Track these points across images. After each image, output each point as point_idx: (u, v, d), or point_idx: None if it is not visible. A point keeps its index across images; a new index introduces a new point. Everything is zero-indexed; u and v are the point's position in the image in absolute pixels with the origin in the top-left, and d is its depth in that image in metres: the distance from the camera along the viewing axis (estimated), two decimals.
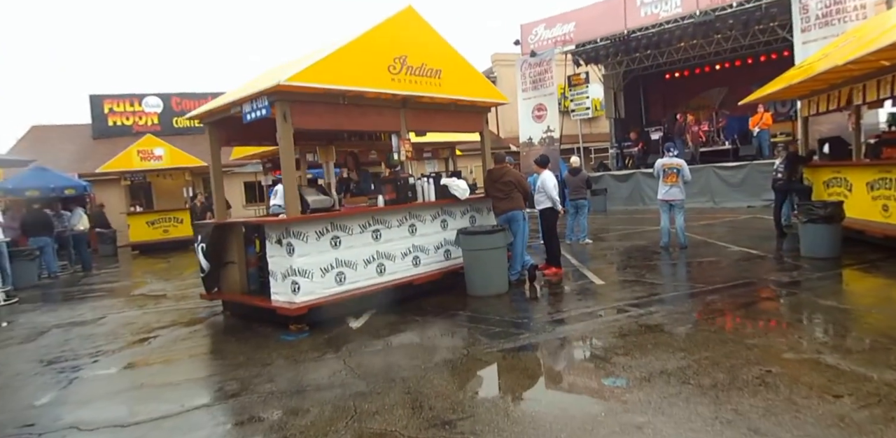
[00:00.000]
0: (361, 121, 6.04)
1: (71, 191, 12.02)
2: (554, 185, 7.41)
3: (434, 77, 6.45)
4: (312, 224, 5.53)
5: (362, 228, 5.99)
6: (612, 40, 17.41)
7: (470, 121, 7.44)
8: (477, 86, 7.13)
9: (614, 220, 14.48)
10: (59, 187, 11.91)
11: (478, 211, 7.46)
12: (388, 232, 6.24)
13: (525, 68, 19.24)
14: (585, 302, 5.77)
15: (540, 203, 7.52)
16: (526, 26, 19.46)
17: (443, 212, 6.93)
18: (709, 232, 10.51)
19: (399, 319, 5.67)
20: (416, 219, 6.57)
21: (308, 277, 5.48)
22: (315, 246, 5.55)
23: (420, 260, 6.61)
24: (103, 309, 7.61)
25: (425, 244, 6.68)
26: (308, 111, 5.48)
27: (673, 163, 8.91)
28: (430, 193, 6.71)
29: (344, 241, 5.80)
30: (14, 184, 11.84)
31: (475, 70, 7.13)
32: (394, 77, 5.98)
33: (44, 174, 12.20)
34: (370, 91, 5.79)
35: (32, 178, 12.10)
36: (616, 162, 19.88)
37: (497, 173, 6.97)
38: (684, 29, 15.94)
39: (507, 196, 6.88)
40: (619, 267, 7.82)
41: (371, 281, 6.06)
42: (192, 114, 6.29)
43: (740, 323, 4.63)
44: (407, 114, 6.49)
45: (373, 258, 6.09)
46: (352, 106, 5.88)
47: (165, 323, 6.35)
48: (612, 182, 17.96)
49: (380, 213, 6.17)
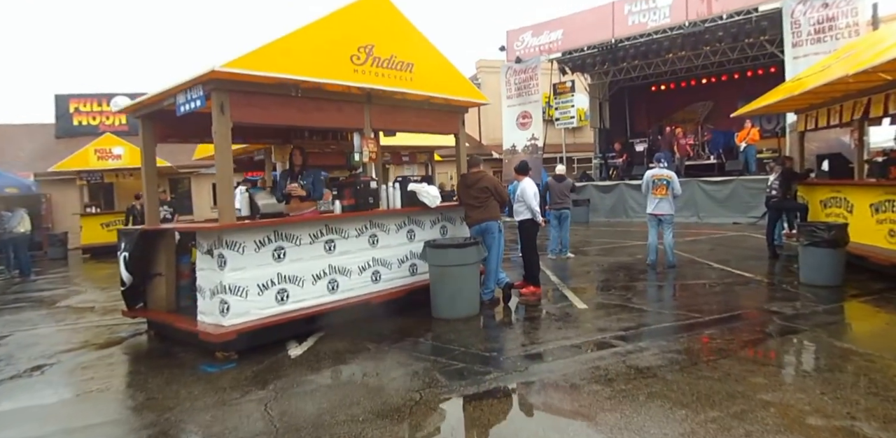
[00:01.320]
0: (318, 116, 5.26)
1: (13, 189, 10.95)
2: (535, 194, 6.69)
3: (405, 70, 5.70)
4: (252, 232, 4.71)
5: (313, 238, 5.18)
6: (599, 49, 16.92)
7: (444, 122, 6.70)
8: (453, 83, 6.40)
9: (597, 233, 13.86)
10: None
11: (450, 220, 6.70)
12: (343, 243, 5.45)
13: (510, 75, 18.66)
14: (565, 332, 5.03)
15: (519, 213, 6.80)
16: (512, 33, 18.91)
17: (410, 222, 6.16)
18: (696, 249, 9.90)
19: (349, 346, 4.87)
20: (378, 228, 5.79)
21: (241, 295, 4.66)
22: (253, 259, 4.73)
23: (381, 275, 5.82)
24: (15, 324, 6.66)
25: (388, 257, 5.90)
26: (252, 103, 4.68)
27: (663, 174, 8.29)
28: (396, 200, 5.94)
29: (290, 253, 5.00)
30: None
31: (452, 66, 6.40)
32: (357, 68, 5.21)
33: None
34: (328, 82, 5.02)
35: None
36: (600, 172, 19.38)
37: (471, 179, 6.23)
38: (672, 39, 15.51)
39: (481, 204, 6.15)
40: (603, 287, 7.11)
41: (321, 300, 5.25)
42: (121, 108, 5.42)
43: (747, 369, 3.92)
44: (372, 111, 5.73)
45: (324, 273, 5.28)
46: (306, 99, 5.09)
47: (75, 345, 5.44)
48: (595, 193, 17.41)
49: (335, 221, 5.38)
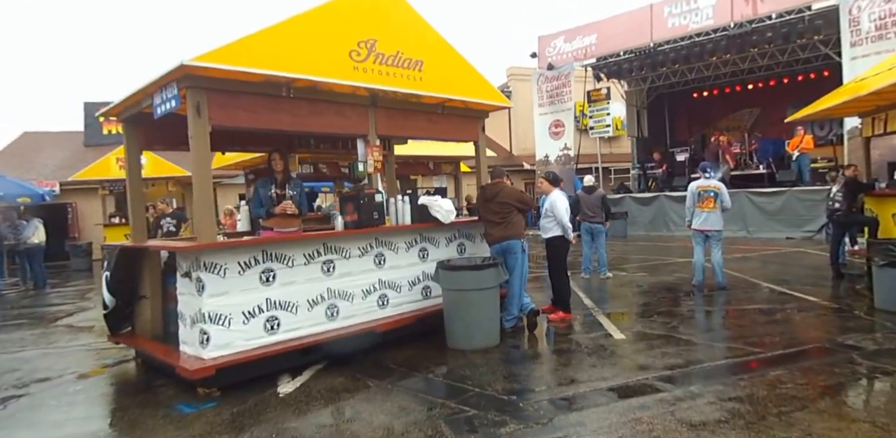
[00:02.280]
0: (314, 121, 4.69)
1: (25, 199, 10.82)
2: (566, 209, 5.97)
3: (413, 69, 5.11)
4: (235, 252, 4.14)
5: (308, 258, 4.59)
6: (636, 54, 16.09)
7: (462, 128, 6.07)
8: (471, 84, 5.77)
9: (636, 248, 12.93)
10: (10, 195, 10.71)
11: (469, 238, 6.03)
12: (345, 264, 4.84)
13: (542, 82, 17.97)
14: (600, 370, 4.26)
15: (547, 230, 6.07)
16: (544, 39, 18.25)
17: (422, 239, 5.51)
18: (747, 268, 8.93)
19: (347, 382, 4.23)
20: (385, 247, 5.16)
21: (223, 324, 4.08)
22: (237, 282, 4.15)
23: (388, 299, 5.18)
24: (4, 344, 6.27)
25: (397, 279, 5.26)
26: (235, 104, 4.15)
27: (709, 185, 7.44)
28: (406, 215, 5.31)
29: (281, 276, 4.40)
30: None
31: (470, 65, 5.78)
32: (357, 65, 4.64)
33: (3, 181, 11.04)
34: (324, 81, 4.45)
35: None
36: (638, 183, 18.39)
37: (491, 191, 5.56)
38: (716, 42, 14.53)
39: (502, 220, 5.46)
40: (644, 312, 6.28)
41: (318, 328, 4.63)
42: (102, 111, 4.97)
43: (832, 426, 3.09)
44: (377, 116, 5.15)
45: (322, 297, 4.67)
46: (301, 100, 4.55)
47: (54, 373, 4.95)
48: (633, 205, 16.45)
49: (335, 239, 4.78)
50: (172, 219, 8.89)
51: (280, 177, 5.07)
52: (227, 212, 9.12)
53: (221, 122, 4.06)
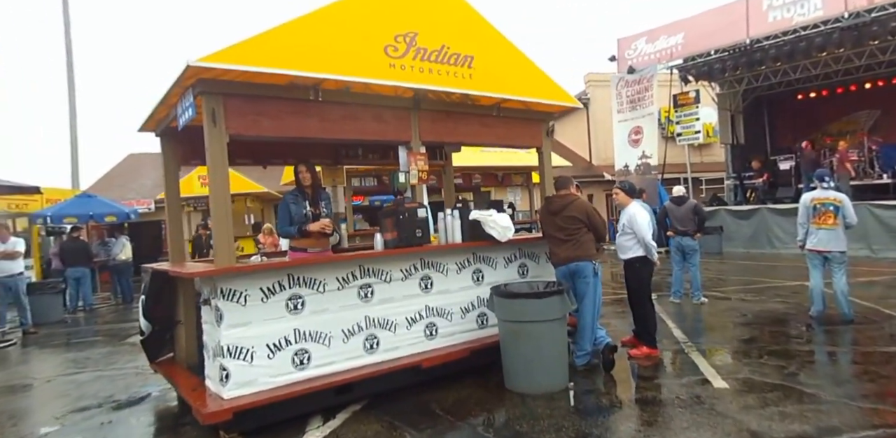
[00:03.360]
0: (348, 127, 4.16)
1: (112, 218, 11.27)
2: (648, 224, 5.07)
3: (461, 66, 4.47)
4: (256, 277, 3.65)
5: (342, 283, 4.02)
6: (729, 52, 14.59)
7: (523, 132, 5.35)
8: (532, 82, 5.06)
9: (734, 267, 11.49)
10: (98, 214, 11.19)
11: (532, 258, 5.26)
12: (385, 289, 4.23)
13: (621, 87, 16.79)
14: (698, 432, 3.33)
15: (626, 249, 5.18)
16: (624, 40, 17.11)
17: (476, 259, 4.81)
18: (875, 295, 7.45)
19: (383, 431, 3.59)
20: (432, 268, 4.51)
21: (244, 359, 3.57)
22: (259, 311, 3.65)
23: (437, 328, 4.51)
24: (68, 365, 6.22)
25: (447, 305, 4.58)
26: (256, 110, 3.69)
27: (828, 197, 6.19)
28: (455, 232, 4.64)
29: (311, 302, 3.86)
30: (53, 212, 11.27)
31: (530, 61, 5.07)
32: (394, 62, 4.06)
33: (87, 201, 11.59)
34: (354, 81, 3.91)
35: (73, 206, 11.52)
36: (734, 195, 16.66)
37: (556, 204, 4.78)
38: (827, 36, 12.79)
39: (570, 238, 4.65)
40: (750, 351, 5.18)
41: (354, 363, 4.04)
42: (139, 127, 4.72)
43: None
44: (421, 119, 4.55)
45: (359, 327, 4.08)
46: (330, 104, 4.03)
47: (95, 402, 4.69)
48: (729, 219, 14.85)
49: (373, 261, 4.19)
50: None
51: (311, 192, 4.59)
52: (266, 231, 8.77)
53: (240, 132, 3.62)
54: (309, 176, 4.52)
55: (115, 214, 11.22)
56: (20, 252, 7.89)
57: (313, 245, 4.47)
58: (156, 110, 4.19)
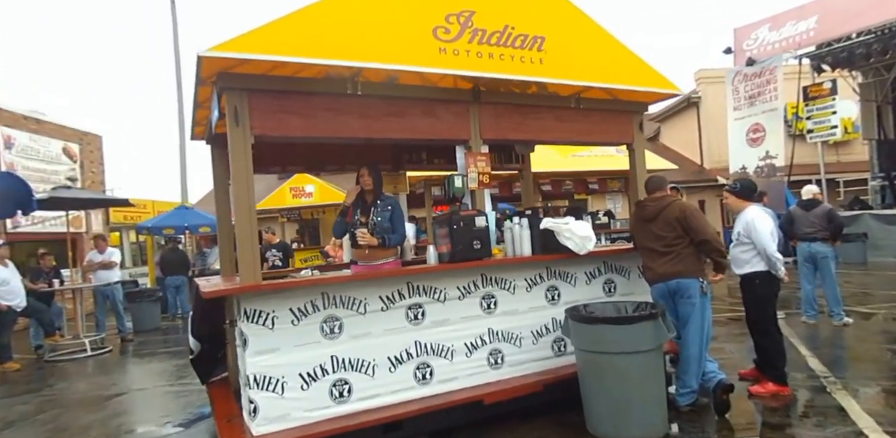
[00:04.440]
0: (393, 124, 3.65)
1: (206, 228, 11.76)
2: (770, 232, 4.07)
3: (529, 49, 3.81)
4: (285, 296, 3.21)
5: (388, 302, 3.49)
6: (877, 34, 12.53)
7: (608, 126, 4.56)
8: (619, 66, 4.28)
9: (883, 281, 9.66)
10: (193, 225, 11.72)
11: (621, 272, 4.43)
12: (439, 309, 3.65)
13: (738, 81, 15.00)
14: None
15: (743, 262, 4.20)
16: (741, 30, 15.35)
17: (550, 275, 4.09)
18: None
19: None
20: (496, 285, 3.86)
21: (274, 390, 3.15)
22: (290, 335, 3.21)
23: (503, 356, 3.84)
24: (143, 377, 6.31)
25: (514, 328, 3.90)
26: (283, 107, 3.28)
27: None
28: (524, 243, 3.96)
29: (350, 325, 3.37)
30: (154, 223, 11.98)
31: (616, 41, 4.30)
32: (444, 46, 3.51)
33: (184, 213, 12.21)
34: (397, 69, 3.39)
35: (171, 217, 12.20)
36: (881, 197, 14.30)
37: (651, 209, 3.94)
38: None
39: (669, 249, 3.80)
40: None
41: (403, 395, 3.48)
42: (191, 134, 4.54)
43: None
44: (482, 114, 3.95)
45: (408, 354, 3.53)
46: (371, 98, 3.55)
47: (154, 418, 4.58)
48: (874, 224, 12.71)
49: (425, 277, 3.62)
50: (279, 252, 8.35)
51: (370, 197, 4.15)
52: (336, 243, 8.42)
53: (267, 132, 3.23)
54: (371, 180, 4.09)
55: (209, 225, 11.68)
56: (116, 262, 8.30)
57: (365, 257, 4.03)
58: (195, 115, 3.95)
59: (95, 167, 14.58)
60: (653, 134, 25.15)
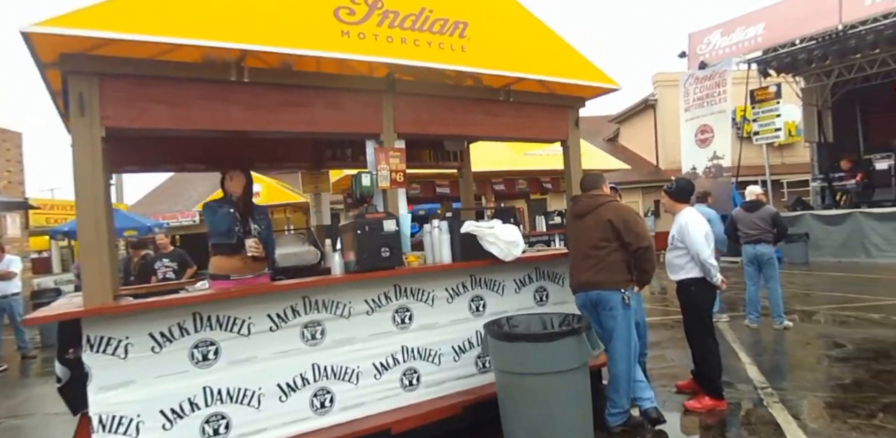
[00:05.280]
0: (289, 117, 3.18)
1: (132, 232, 10.92)
2: (705, 235, 3.79)
3: (449, 34, 3.41)
4: (142, 320, 2.70)
5: (278, 321, 3.03)
6: (818, 40, 12.78)
7: (540, 122, 4.20)
8: (551, 57, 3.92)
9: (823, 281, 9.75)
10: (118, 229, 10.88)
11: (555, 279, 4.10)
12: (342, 327, 3.20)
13: (690, 84, 15.14)
14: None
15: (678, 268, 3.92)
16: (695, 35, 15.52)
17: (475, 284, 3.71)
18: None
19: None
20: (412, 297, 3.45)
21: (126, 432, 2.63)
22: (150, 365, 2.70)
23: (419, 376, 3.43)
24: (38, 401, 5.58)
25: (432, 344, 3.50)
26: (148, 95, 2.78)
27: None
28: (443, 249, 3.56)
29: (228, 350, 2.88)
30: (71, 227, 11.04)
31: (548, 29, 3.95)
32: (348, 29, 3.06)
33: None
34: (293, 53, 2.92)
35: None
36: (821, 198, 14.63)
37: (584, 205, 3.59)
38: None
39: (592, 254, 3.46)
40: (855, 403, 3.76)
41: (297, 428, 3.02)
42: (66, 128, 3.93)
43: None
44: (398, 106, 3.52)
45: (303, 380, 3.07)
46: (263, 87, 3.08)
47: None
48: (815, 224, 12.98)
49: (326, 290, 3.17)
50: (172, 262, 7.17)
51: (241, 204, 3.67)
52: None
53: (124, 124, 2.71)
54: (243, 184, 3.62)
55: (136, 228, 10.86)
56: (15, 272, 7.42)
57: (240, 270, 3.55)
58: (56, 105, 3.38)
59: (13, 166, 13.45)
60: (612, 135, 25.34)
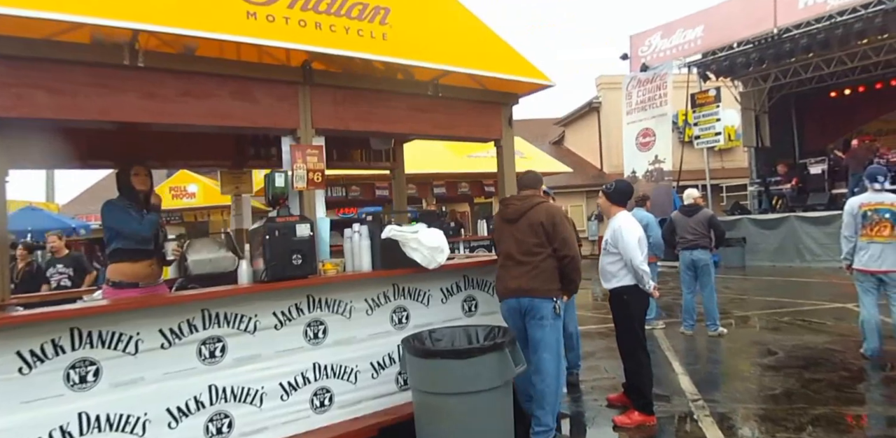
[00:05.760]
0: (193, 109, 2.86)
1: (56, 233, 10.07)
2: (638, 240, 3.67)
3: (369, 21, 3.16)
4: (7, 336, 2.34)
5: (172, 337, 2.70)
6: (754, 44, 13.05)
7: (471, 119, 4.01)
8: (483, 51, 3.73)
9: (759, 285, 10.00)
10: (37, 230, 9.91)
11: (484, 287, 3.91)
12: (246, 343, 2.90)
13: (632, 87, 15.31)
14: None
15: (611, 275, 3.80)
16: (637, 37, 15.69)
17: (398, 293, 3.47)
18: None
19: None
20: (326, 309, 3.18)
21: None
22: (12, 391, 2.32)
23: (332, 396, 3.16)
24: None
25: (348, 361, 3.23)
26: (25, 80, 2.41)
27: (883, 202, 4.84)
28: (362, 256, 3.31)
29: (111, 370, 2.54)
30: None
31: (480, 22, 3.76)
32: (255, 10, 2.76)
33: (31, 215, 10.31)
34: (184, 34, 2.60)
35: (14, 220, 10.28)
36: (758, 202, 15.09)
37: (515, 208, 3.41)
38: (868, 20, 11.11)
39: (526, 260, 3.29)
40: (786, 416, 3.74)
41: None
42: None
43: None
44: (316, 98, 3.24)
45: (198, 403, 2.75)
46: (161, 73, 2.75)
47: None
48: (752, 228, 13.34)
49: (229, 302, 2.87)
50: (67, 267, 6.49)
51: (143, 203, 3.36)
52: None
53: None
54: (148, 182, 3.31)
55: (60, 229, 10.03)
56: None
57: (149, 276, 3.23)
58: None
59: None
60: (557, 138, 25.58)
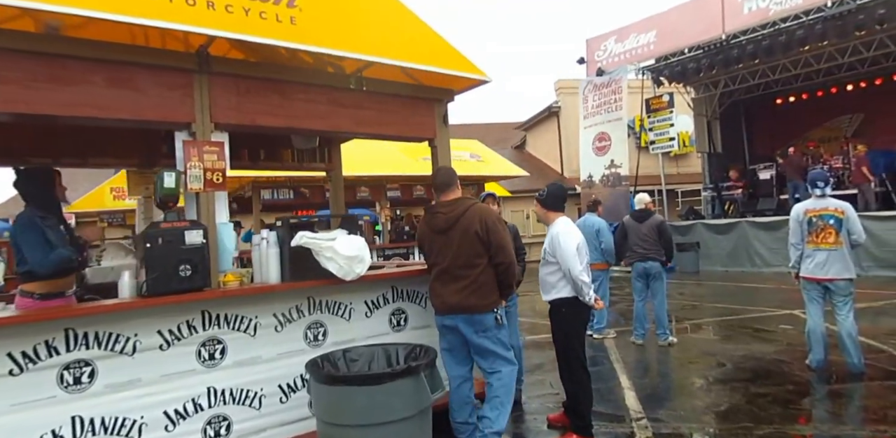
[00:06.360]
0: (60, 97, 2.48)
1: None
2: (577, 248, 3.42)
3: (274, 3, 2.83)
4: None
5: (24, 362, 2.30)
6: (704, 50, 13.20)
7: (400, 117, 3.70)
8: (413, 42, 3.44)
9: (711, 291, 10.00)
10: None
11: (415, 299, 3.60)
12: (122, 366, 2.51)
13: (588, 91, 15.33)
14: None
15: (550, 286, 3.53)
16: (593, 41, 15.72)
17: (314, 307, 3.12)
18: (884, 329, 5.97)
19: None
20: (225, 326, 2.81)
21: None
22: None
23: (230, 425, 2.79)
24: None
25: (251, 384, 2.87)
26: None
27: (827, 208, 4.75)
28: (270, 266, 2.96)
29: None
30: None
31: (404, 8, 3.46)
32: None
33: None
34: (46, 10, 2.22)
35: None
36: (712, 208, 15.29)
37: (444, 218, 3.10)
38: (809, 28, 11.42)
39: (464, 274, 3.00)
40: (731, 432, 3.55)
41: None
42: None
43: None
44: (215, 89, 2.88)
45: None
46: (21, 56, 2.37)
47: None
48: (706, 233, 13.45)
49: (101, 320, 2.48)
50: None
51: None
52: None
53: None
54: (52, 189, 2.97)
55: None
56: None
57: (70, 284, 2.94)
58: None
59: None
60: (518, 142, 25.59)
